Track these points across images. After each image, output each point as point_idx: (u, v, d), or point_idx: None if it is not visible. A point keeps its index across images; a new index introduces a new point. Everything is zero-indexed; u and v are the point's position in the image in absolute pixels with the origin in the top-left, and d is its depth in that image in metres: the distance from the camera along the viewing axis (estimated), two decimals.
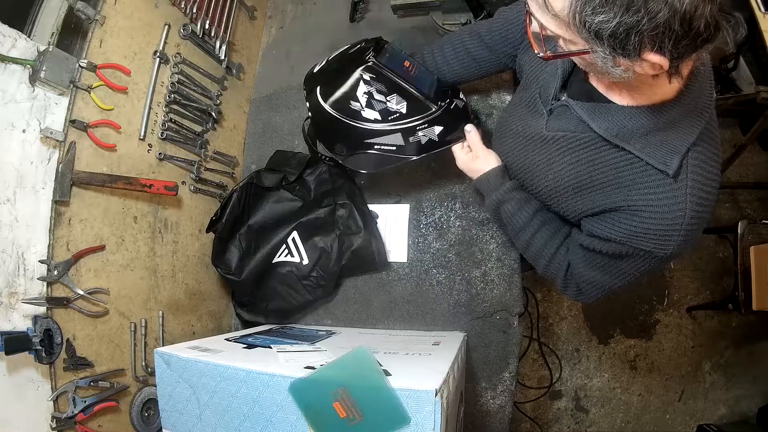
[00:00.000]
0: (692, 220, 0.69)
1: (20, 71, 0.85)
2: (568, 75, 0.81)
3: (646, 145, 0.69)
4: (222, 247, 1.23)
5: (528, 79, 0.92)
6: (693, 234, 0.70)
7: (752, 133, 1.89)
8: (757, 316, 2.03)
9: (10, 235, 0.83)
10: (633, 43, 0.54)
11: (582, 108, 0.75)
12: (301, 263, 1.24)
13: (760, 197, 2.28)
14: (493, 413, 1.16)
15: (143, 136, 1.07)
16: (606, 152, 0.74)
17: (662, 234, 0.70)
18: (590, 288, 0.86)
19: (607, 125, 0.72)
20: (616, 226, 0.74)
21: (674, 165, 0.67)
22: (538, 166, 0.85)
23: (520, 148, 0.90)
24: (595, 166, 0.75)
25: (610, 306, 2.19)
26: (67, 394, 0.89)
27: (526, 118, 0.89)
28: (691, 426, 2.09)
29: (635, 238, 0.72)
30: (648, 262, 0.75)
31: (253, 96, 1.49)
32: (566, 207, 0.83)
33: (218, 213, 1.22)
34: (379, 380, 0.66)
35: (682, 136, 0.68)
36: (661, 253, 0.72)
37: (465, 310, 1.19)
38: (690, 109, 0.68)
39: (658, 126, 0.68)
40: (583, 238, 0.82)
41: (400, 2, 1.31)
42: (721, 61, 2.11)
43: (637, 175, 0.71)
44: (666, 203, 0.69)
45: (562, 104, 0.79)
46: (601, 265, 0.81)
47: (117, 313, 1.01)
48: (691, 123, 0.68)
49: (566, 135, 0.79)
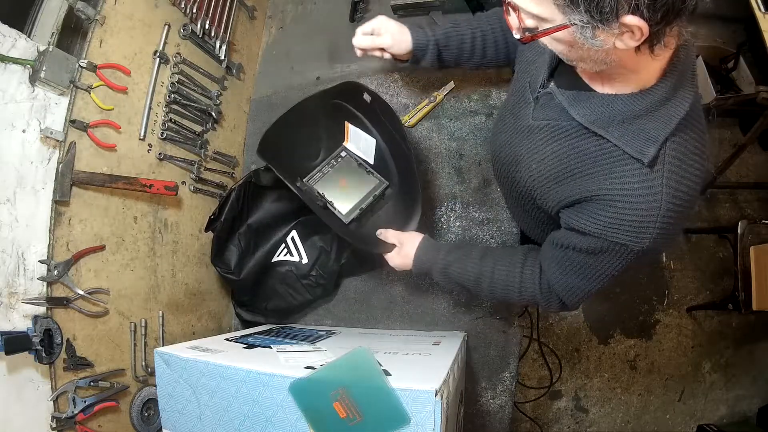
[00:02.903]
0: (668, 212, 0.68)
1: (20, 71, 0.85)
2: (556, 65, 0.82)
3: (624, 134, 0.69)
4: (221, 246, 1.23)
5: (521, 70, 0.93)
6: (670, 228, 0.69)
7: (752, 133, 1.89)
8: (757, 316, 2.04)
9: (10, 235, 0.83)
10: (609, 3, 0.54)
11: (563, 95, 0.76)
12: (300, 262, 1.24)
13: (760, 197, 2.28)
14: (493, 413, 1.16)
15: (143, 136, 1.07)
16: (586, 141, 0.74)
17: (637, 225, 0.69)
18: (570, 295, 0.84)
19: (585, 112, 0.72)
20: (591, 218, 0.73)
21: (650, 154, 0.67)
22: (524, 157, 0.85)
23: (511, 141, 0.90)
24: (576, 154, 0.75)
25: (610, 306, 2.19)
26: (67, 394, 0.89)
27: (516, 109, 0.90)
28: (691, 426, 2.09)
29: (610, 229, 0.71)
30: (624, 257, 0.74)
31: (253, 96, 1.49)
32: (547, 198, 0.82)
33: (217, 212, 1.21)
34: (379, 380, 0.66)
35: (660, 125, 0.67)
36: (637, 246, 0.71)
37: (465, 310, 1.19)
38: (669, 97, 0.67)
39: (635, 113, 0.68)
40: (560, 234, 0.81)
41: (400, 2, 1.31)
42: (721, 61, 2.11)
43: (614, 163, 0.71)
44: (640, 193, 0.68)
45: (547, 92, 0.80)
46: (577, 267, 0.80)
47: (117, 313, 1.01)
48: (670, 112, 0.67)
49: (550, 123, 0.79)
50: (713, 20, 2.31)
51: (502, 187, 1.10)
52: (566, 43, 0.65)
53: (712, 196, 2.27)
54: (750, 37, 2.11)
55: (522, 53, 0.95)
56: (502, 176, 1.00)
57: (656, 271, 2.22)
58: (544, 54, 0.83)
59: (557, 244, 0.82)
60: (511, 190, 0.98)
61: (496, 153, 1.00)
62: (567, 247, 0.79)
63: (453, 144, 1.26)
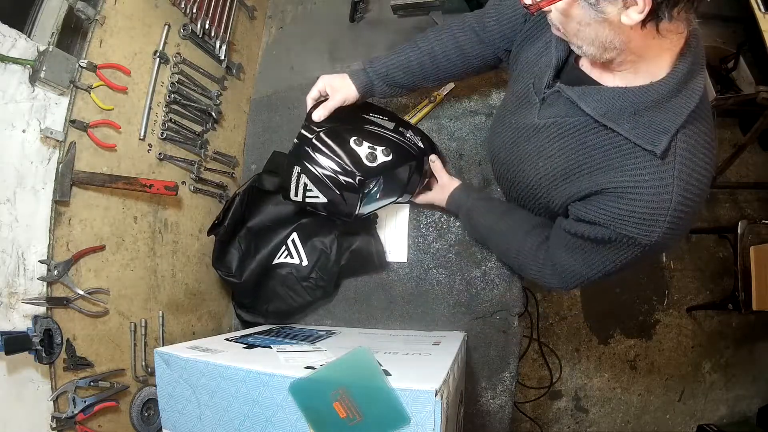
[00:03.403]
0: (679, 206, 0.68)
1: (20, 71, 0.85)
2: (562, 64, 0.82)
3: (635, 126, 0.69)
4: (223, 249, 1.23)
5: (522, 72, 0.92)
6: (679, 224, 0.69)
7: (752, 133, 1.89)
8: (757, 316, 2.04)
9: (10, 235, 0.83)
10: None
11: (572, 91, 0.76)
12: (300, 264, 1.24)
13: (760, 197, 2.28)
14: (493, 413, 1.16)
15: (143, 136, 1.07)
16: (595, 135, 0.74)
17: (647, 218, 0.69)
18: (567, 276, 0.86)
19: (595, 105, 0.72)
20: (601, 209, 0.73)
21: (662, 145, 0.67)
22: (529, 156, 0.86)
23: (513, 140, 0.90)
24: (585, 149, 0.75)
25: (610, 306, 2.19)
26: (67, 394, 0.89)
27: (519, 110, 0.90)
28: (691, 426, 2.09)
29: (620, 221, 0.71)
30: (630, 250, 0.74)
31: (253, 96, 1.48)
32: (555, 195, 0.82)
33: (221, 216, 1.22)
34: (379, 380, 0.66)
35: (671, 117, 0.68)
36: (645, 240, 0.71)
37: (465, 310, 1.19)
38: (680, 89, 0.67)
39: (646, 105, 0.68)
40: (568, 222, 0.81)
41: (400, 2, 1.31)
42: (721, 61, 2.11)
43: (625, 156, 0.71)
44: (652, 184, 0.68)
45: (554, 91, 0.80)
46: (581, 253, 0.80)
47: (117, 313, 1.01)
48: (681, 103, 0.68)
49: (557, 121, 0.80)
50: (713, 20, 2.31)
51: (502, 187, 1.10)
52: (572, 18, 0.65)
53: (712, 196, 2.28)
54: (750, 37, 2.11)
55: (520, 55, 0.94)
56: (501, 177, 1.00)
57: (656, 271, 2.22)
58: (547, 54, 0.83)
59: (565, 229, 0.82)
60: (511, 190, 0.98)
61: (494, 154, 1.00)
62: (574, 234, 0.79)
63: (453, 144, 1.26)
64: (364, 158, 0.99)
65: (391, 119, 1.11)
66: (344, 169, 0.97)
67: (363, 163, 0.98)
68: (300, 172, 1.01)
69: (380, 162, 1.00)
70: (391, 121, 1.11)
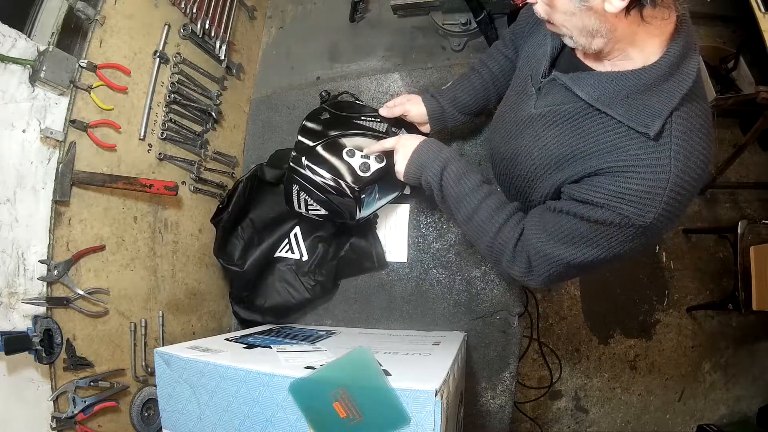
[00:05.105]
0: (676, 187, 0.67)
1: (20, 71, 0.85)
2: (557, 54, 0.84)
3: (628, 109, 0.70)
4: (225, 238, 1.24)
5: (521, 66, 0.94)
6: (675, 206, 0.69)
7: (752, 133, 1.89)
8: (757, 316, 2.04)
9: (10, 235, 0.83)
10: None
11: (566, 76, 0.77)
12: (301, 259, 1.24)
13: (760, 197, 2.28)
14: (493, 413, 1.16)
15: (143, 136, 1.07)
16: (588, 121, 0.74)
17: (644, 196, 0.68)
18: (544, 263, 0.79)
19: (589, 89, 0.73)
20: (595, 188, 0.72)
21: (656, 127, 0.67)
22: (525, 147, 0.86)
23: (511, 134, 0.91)
24: (578, 135, 0.75)
25: (610, 306, 2.19)
26: (67, 394, 0.89)
27: (517, 103, 0.91)
28: (691, 426, 2.09)
29: (616, 199, 0.70)
30: (622, 231, 0.71)
31: (253, 96, 1.49)
32: (548, 183, 0.81)
33: (225, 201, 1.23)
34: (379, 380, 0.66)
35: (664, 100, 0.68)
36: (640, 221, 0.69)
37: (465, 310, 1.19)
38: (672, 72, 0.68)
39: (639, 88, 0.69)
40: (558, 202, 0.78)
41: (400, 2, 1.31)
42: (721, 61, 2.11)
43: (619, 139, 0.71)
44: (649, 163, 0.68)
45: (550, 80, 0.81)
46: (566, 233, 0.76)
47: (117, 313, 1.01)
48: (674, 86, 0.68)
49: (552, 109, 0.80)
50: (713, 20, 2.31)
51: (502, 185, 1.10)
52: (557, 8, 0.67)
53: (712, 196, 2.27)
54: (750, 37, 2.11)
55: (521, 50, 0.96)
56: (501, 173, 1.00)
57: (656, 271, 2.22)
58: (544, 45, 0.85)
59: (552, 208, 0.78)
60: (510, 187, 0.98)
61: (494, 150, 1.00)
62: (563, 212, 0.76)
63: (453, 144, 1.26)
64: (357, 169, 1.01)
65: (384, 120, 1.12)
66: (339, 190, 1.00)
67: (357, 175, 1.01)
68: (299, 190, 1.06)
69: (374, 170, 1.02)
70: (383, 123, 1.12)
